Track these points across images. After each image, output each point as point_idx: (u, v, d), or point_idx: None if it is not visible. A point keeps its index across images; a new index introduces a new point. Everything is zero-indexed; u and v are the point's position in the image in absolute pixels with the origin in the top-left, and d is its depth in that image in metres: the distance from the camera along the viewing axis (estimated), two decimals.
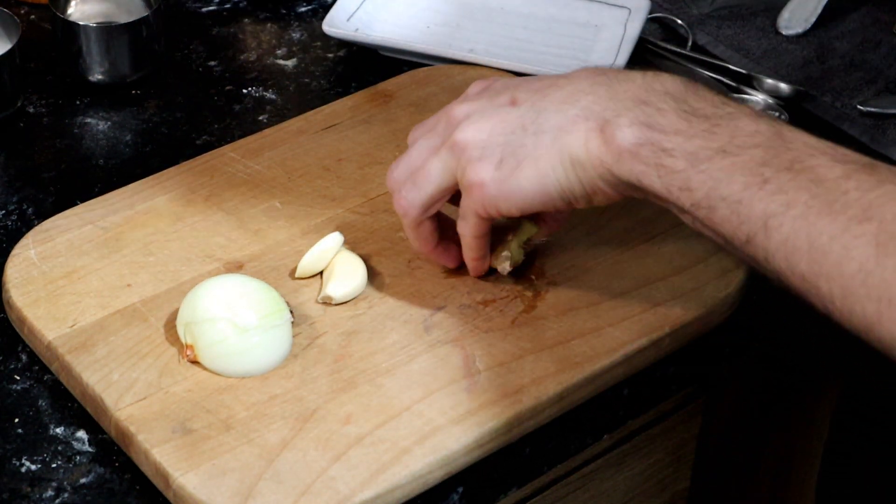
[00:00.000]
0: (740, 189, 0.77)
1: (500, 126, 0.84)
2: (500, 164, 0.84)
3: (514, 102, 0.85)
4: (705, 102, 0.81)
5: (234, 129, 1.12)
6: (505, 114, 0.85)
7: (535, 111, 0.84)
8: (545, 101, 0.84)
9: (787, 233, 0.74)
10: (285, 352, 0.89)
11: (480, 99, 0.87)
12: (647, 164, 0.80)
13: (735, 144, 0.78)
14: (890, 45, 1.23)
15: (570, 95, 0.83)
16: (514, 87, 0.86)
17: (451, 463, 0.84)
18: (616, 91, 0.82)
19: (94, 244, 0.96)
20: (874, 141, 1.13)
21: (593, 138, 0.81)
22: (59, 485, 0.85)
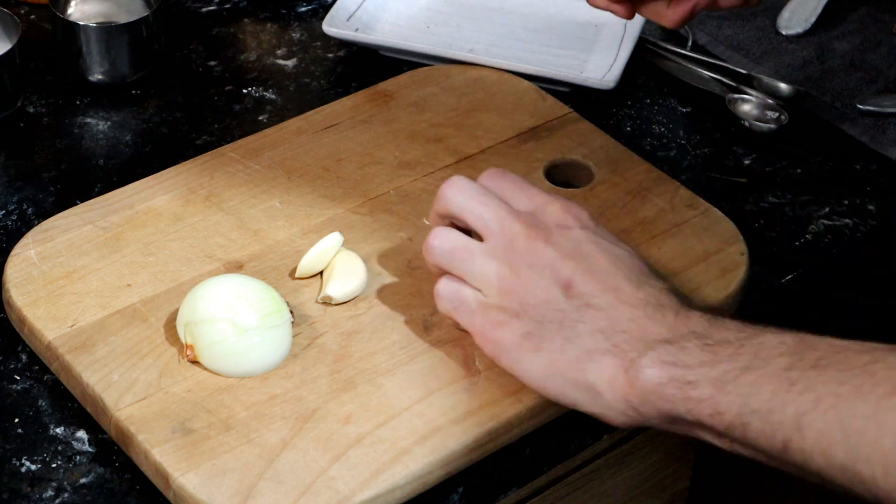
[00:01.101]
0: (769, 398, 0.76)
1: (546, 306, 0.84)
2: (526, 335, 0.84)
3: (568, 288, 0.84)
4: (728, 331, 0.80)
5: (234, 129, 1.12)
6: (555, 297, 0.84)
7: (576, 318, 0.83)
8: (587, 314, 0.83)
9: (821, 427, 0.73)
10: (285, 352, 0.89)
11: (548, 250, 0.85)
12: (673, 399, 0.79)
13: (760, 359, 0.77)
14: (890, 45, 1.23)
15: (608, 325, 0.82)
16: (574, 265, 0.84)
17: (451, 463, 0.84)
18: (647, 332, 0.82)
19: (94, 244, 0.96)
20: (874, 141, 1.13)
21: (618, 377, 0.81)
22: (59, 485, 0.85)
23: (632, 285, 0.84)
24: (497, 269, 0.85)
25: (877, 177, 1.10)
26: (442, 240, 0.88)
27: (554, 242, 0.85)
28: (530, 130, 1.08)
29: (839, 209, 1.07)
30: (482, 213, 0.87)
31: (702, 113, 1.16)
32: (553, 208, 0.87)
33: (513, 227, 0.86)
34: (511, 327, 0.84)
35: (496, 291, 0.85)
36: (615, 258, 0.85)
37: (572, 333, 0.83)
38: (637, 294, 0.83)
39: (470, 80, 1.13)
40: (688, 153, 1.11)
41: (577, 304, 0.83)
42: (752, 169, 1.10)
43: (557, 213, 0.87)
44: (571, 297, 0.83)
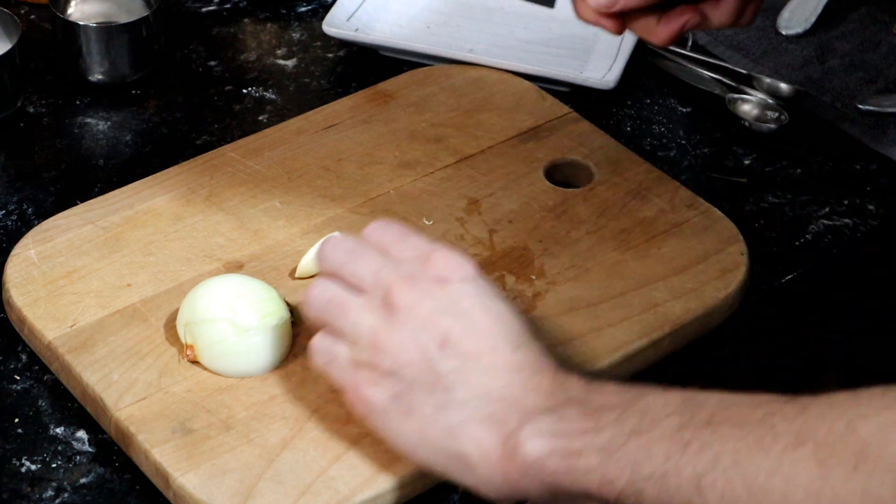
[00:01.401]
0: (662, 461, 0.71)
1: (419, 366, 0.79)
2: (396, 396, 0.80)
3: (443, 345, 0.79)
4: (608, 395, 0.76)
5: (234, 129, 1.12)
6: (429, 356, 0.79)
7: (450, 382, 0.78)
8: (461, 378, 0.78)
9: (723, 487, 0.70)
10: (285, 352, 0.89)
11: (423, 304, 0.80)
12: (557, 472, 0.75)
13: (647, 421, 0.73)
14: (890, 45, 1.23)
15: (483, 392, 0.78)
16: (451, 322, 0.79)
17: None
18: (524, 401, 0.77)
19: (94, 244, 0.96)
20: (874, 141, 1.13)
21: (494, 449, 0.77)
22: (59, 485, 0.85)
23: (509, 347, 0.79)
24: (371, 324, 0.80)
25: (877, 177, 1.10)
26: (319, 291, 0.83)
27: (432, 297, 0.80)
28: (530, 130, 1.08)
29: (839, 209, 1.07)
30: (356, 268, 0.83)
31: (702, 113, 1.16)
32: (435, 260, 0.81)
33: (388, 280, 0.81)
34: (381, 387, 0.80)
35: (368, 347, 0.80)
36: (494, 316, 0.80)
37: (445, 399, 0.78)
38: (514, 356, 0.79)
39: (470, 80, 1.13)
40: (688, 153, 1.11)
41: (452, 367, 0.78)
42: (752, 169, 1.10)
43: (439, 265, 0.81)
44: (446, 357, 0.79)
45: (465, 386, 0.78)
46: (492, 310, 0.81)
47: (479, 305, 0.80)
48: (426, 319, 0.80)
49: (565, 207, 1.01)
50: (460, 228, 0.99)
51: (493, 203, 1.01)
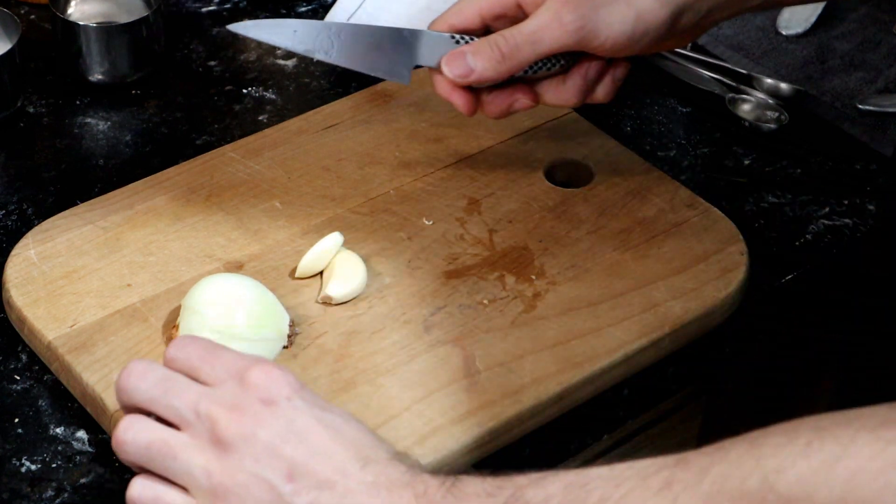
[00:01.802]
0: None
1: (269, 502, 0.73)
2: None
3: (292, 478, 0.73)
4: (478, 499, 0.72)
5: (234, 129, 1.12)
6: (279, 494, 0.73)
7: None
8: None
9: None
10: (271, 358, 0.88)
11: (258, 434, 0.74)
12: None
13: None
14: (890, 45, 1.23)
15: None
16: (293, 449, 0.74)
17: (450, 463, 0.84)
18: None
19: (94, 244, 0.96)
20: (874, 141, 1.13)
21: None
22: (59, 485, 0.85)
23: (357, 464, 0.74)
24: (203, 465, 0.74)
25: (877, 177, 1.10)
26: (135, 433, 0.76)
27: (263, 424, 0.74)
28: (530, 130, 1.08)
29: (839, 209, 1.07)
30: (170, 400, 0.76)
31: (702, 113, 1.16)
32: (253, 380, 0.76)
33: (211, 412, 0.75)
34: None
35: (205, 493, 0.74)
36: (333, 431, 0.75)
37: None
38: (364, 477, 0.73)
39: None
40: (688, 153, 1.11)
41: (308, 501, 0.73)
42: (752, 169, 1.10)
43: (259, 385, 0.76)
44: (298, 492, 0.73)
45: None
46: (328, 424, 0.76)
47: (314, 422, 0.75)
48: (264, 451, 0.74)
49: (565, 207, 1.01)
50: (460, 228, 0.99)
51: (493, 203, 1.01)
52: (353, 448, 0.75)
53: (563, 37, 0.90)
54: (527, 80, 0.94)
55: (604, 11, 0.90)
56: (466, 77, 0.92)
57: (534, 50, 0.91)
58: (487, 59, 0.91)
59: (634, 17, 0.90)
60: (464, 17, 0.94)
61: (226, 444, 0.74)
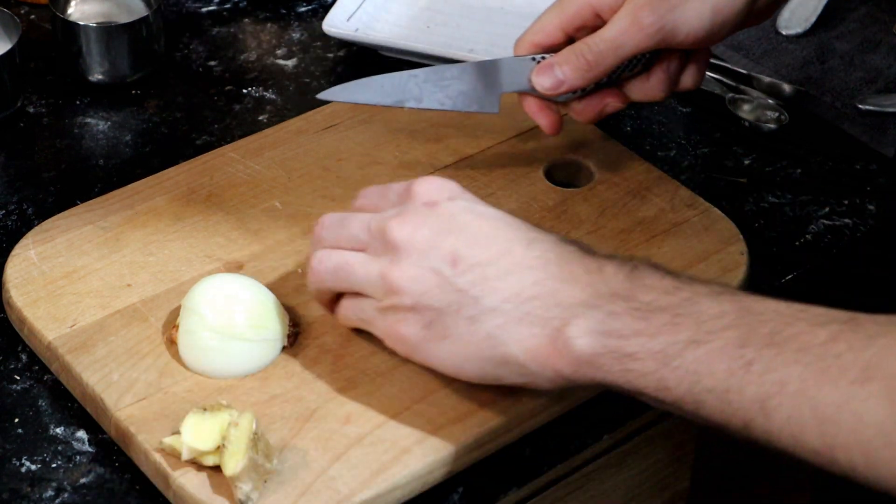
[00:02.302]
0: (724, 377, 0.73)
1: (438, 290, 0.80)
2: (428, 325, 0.81)
3: (455, 263, 0.80)
4: (656, 292, 0.77)
5: (234, 129, 1.12)
6: (445, 277, 0.80)
7: (475, 293, 0.79)
8: (486, 287, 0.79)
9: (789, 411, 0.71)
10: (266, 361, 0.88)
11: (421, 231, 0.81)
12: (611, 371, 0.76)
13: (704, 331, 0.74)
14: (890, 45, 1.23)
15: (513, 293, 0.78)
16: (455, 238, 0.81)
17: (451, 463, 0.84)
18: (561, 294, 0.78)
19: (94, 244, 0.96)
20: (874, 141, 1.13)
21: (542, 347, 0.78)
22: (59, 485, 0.85)
23: (522, 244, 0.80)
24: (378, 269, 0.82)
25: (877, 177, 1.10)
26: (322, 262, 0.86)
27: (426, 223, 0.82)
28: (530, 130, 1.08)
29: (839, 209, 1.07)
30: (349, 231, 0.85)
31: (702, 113, 1.16)
32: (416, 189, 0.84)
33: (380, 225, 0.83)
34: (410, 323, 0.81)
35: (384, 291, 0.82)
36: (494, 221, 0.82)
37: (476, 311, 0.79)
38: (530, 252, 0.79)
39: None
40: (688, 153, 1.11)
41: (471, 280, 0.79)
42: (752, 169, 1.10)
43: (421, 192, 0.84)
44: (462, 273, 0.80)
45: (492, 293, 0.79)
46: (490, 216, 0.82)
47: (475, 216, 0.82)
48: (428, 245, 0.81)
49: (565, 207, 1.01)
50: None
51: (494, 203, 1.00)
52: (515, 232, 0.81)
53: (643, 39, 0.92)
54: (612, 82, 0.97)
55: (680, 10, 0.92)
56: (557, 88, 0.95)
57: (617, 55, 0.93)
58: (574, 68, 0.94)
59: (711, 10, 0.92)
60: (546, 34, 0.96)
61: (395, 247, 0.81)
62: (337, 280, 0.85)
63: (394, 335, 0.83)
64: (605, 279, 0.78)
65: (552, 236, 0.82)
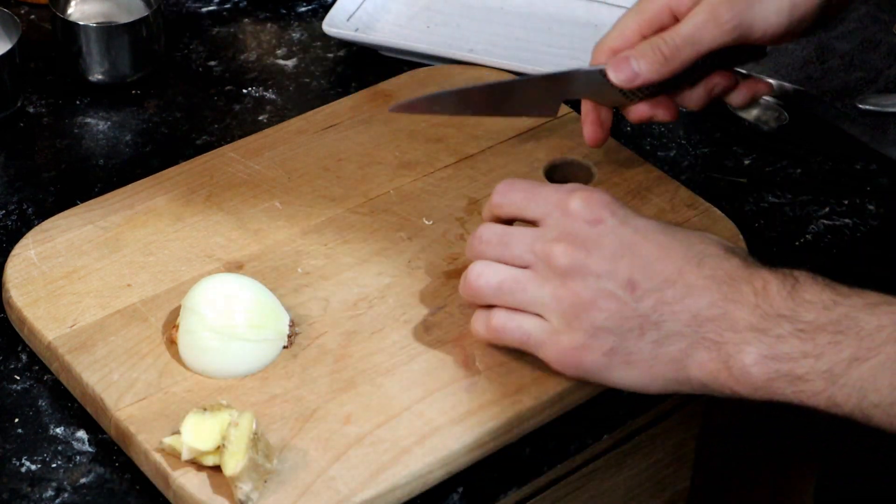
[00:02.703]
0: (889, 391, 0.76)
1: (619, 315, 0.82)
2: (610, 352, 0.83)
3: (633, 288, 0.82)
4: (816, 309, 0.79)
5: (234, 129, 1.12)
6: (624, 303, 0.82)
7: (656, 318, 0.82)
8: (666, 310, 0.82)
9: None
10: (266, 361, 0.88)
11: (592, 257, 0.83)
12: (785, 392, 0.79)
13: (865, 347, 0.77)
14: (890, 45, 1.23)
15: (691, 317, 0.81)
16: (628, 262, 0.82)
17: (451, 463, 0.84)
18: (733, 317, 0.80)
19: (94, 244, 0.96)
20: (874, 141, 1.13)
21: (721, 372, 0.81)
22: (59, 485, 0.85)
23: (692, 263, 0.82)
24: (551, 292, 0.83)
25: (877, 177, 1.10)
26: (486, 277, 0.86)
27: (595, 246, 0.83)
28: (530, 130, 1.08)
29: (839, 209, 1.07)
30: (511, 251, 0.86)
31: (702, 113, 1.15)
32: (573, 207, 0.84)
33: (545, 249, 0.84)
34: (591, 349, 0.83)
35: (559, 315, 0.83)
36: (660, 238, 0.83)
37: (659, 335, 0.81)
38: (702, 272, 0.82)
39: (470, 80, 1.13)
40: (688, 153, 1.11)
41: (651, 304, 0.81)
42: (752, 169, 1.10)
43: (580, 210, 0.84)
44: (641, 297, 0.82)
45: (673, 317, 0.81)
46: (654, 232, 0.83)
47: (643, 235, 0.83)
48: (602, 269, 0.82)
49: None
50: (460, 228, 0.99)
51: None
52: (683, 248, 0.83)
53: (720, 35, 0.93)
54: (679, 84, 0.98)
55: (758, 6, 0.93)
56: (632, 81, 0.95)
57: (694, 49, 0.94)
58: (651, 61, 0.94)
59: (790, 6, 0.93)
60: (625, 38, 0.96)
61: (566, 272, 0.83)
62: (500, 296, 0.86)
63: (570, 361, 0.84)
64: (769, 299, 0.80)
65: (715, 246, 0.84)
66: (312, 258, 0.96)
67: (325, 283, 0.94)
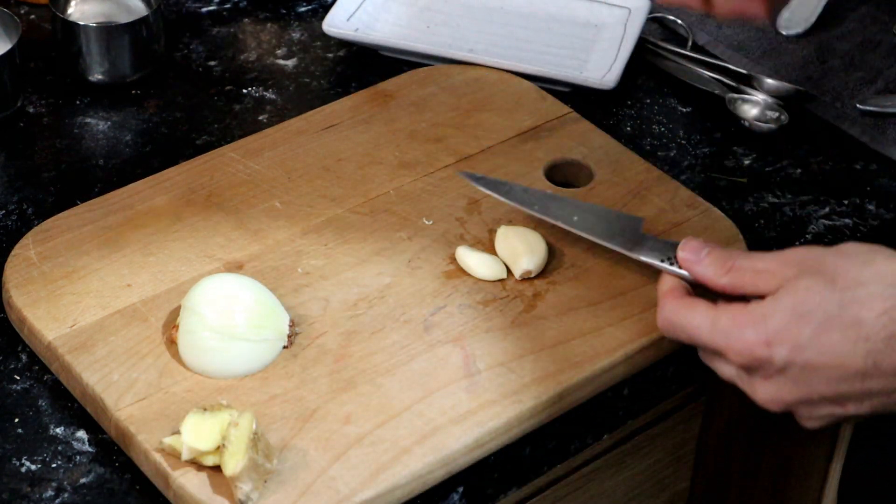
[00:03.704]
0: None
1: (850, 380, 0.82)
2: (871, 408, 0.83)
3: (844, 405, 0.82)
4: None
5: (234, 129, 1.12)
6: (846, 409, 0.83)
7: (884, 410, 0.82)
8: (883, 401, 0.82)
9: None
10: (266, 361, 0.88)
11: (783, 387, 0.84)
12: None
13: None
14: (890, 45, 1.23)
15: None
16: (836, 389, 0.82)
17: (451, 463, 0.84)
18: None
19: (94, 244, 0.96)
20: (874, 141, 1.13)
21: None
22: (59, 485, 0.85)
23: (855, 358, 0.80)
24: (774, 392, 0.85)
25: (877, 177, 1.10)
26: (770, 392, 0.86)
27: (785, 379, 0.83)
28: (530, 130, 1.08)
29: (839, 209, 1.07)
30: (718, 365, 0.87)
31: (702, 113, 1.16)
32: (743, 350, 0.83)
33: (752, 386, 0.86)
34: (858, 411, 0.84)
35: (824, 402, 0.84)
36: (820, 344, 0.81)
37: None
38: (865, 363, 0.80)
39: (470, 80, 1.13)
40: (688, 153, 1.12)
41: (865, 397, 0.82)
42: (752, 169, 1.10)
43: (752, 350, 0.83)
44: (858, 400, 0.82)
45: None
46: (815, 337, 0.81)
47: (807, 351, 0.82)
48: (811, 399, 0.83)
49: None
50: (460, 228, 0.99)
51: (494, 203, 1.01)
52: (838, 345, 0.81)
53: None
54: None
55: None
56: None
57: None
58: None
59: None
60: None
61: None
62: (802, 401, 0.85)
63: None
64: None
65: (867, 330, 0.80)
66: (312, 258, 0.96)
67: (325, 282, 0.94)
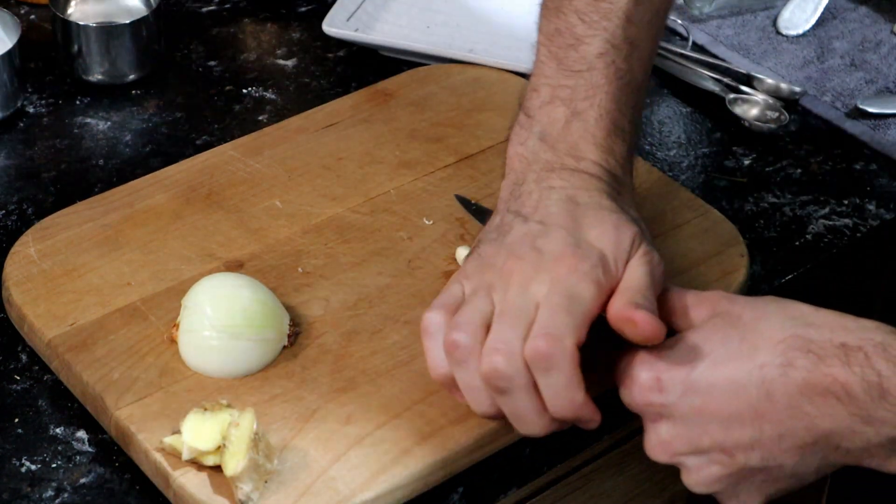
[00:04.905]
0: None
1: (738, 477, 0.81)
2: (763, 486, 0.81)
3: (733, 455, 0.80)
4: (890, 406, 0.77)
5: (234, 129, 1.12)
6: (737, 469, 0.80)
7: (774, 465, 0.80)
8: (774, 459, 0.79)
9: None
10: (266, 361, 0.88)
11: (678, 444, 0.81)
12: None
13: None
14: (890, 45, 1.23)
15: (797, 447, 0.78)
16: (726, 432, 0.79)
17: (451, 463, 0.84)
18: (833, 440, 0.78)
19: (94, 242, 0.96)
20: (874, 141, 1.13)
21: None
22: (59, 485, 0.85)
23: (762, 399, 0.78)
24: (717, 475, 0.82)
25: (877, 177, 1.10)
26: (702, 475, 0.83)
27: (675, 423, 0.81)
28: None
29: (839, 209, 1.07)
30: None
31: (702, 113, 1.16)
32: (635, 393, 0.82)
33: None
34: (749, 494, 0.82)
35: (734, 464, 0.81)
36: (712, 376, 0.79)
37: (787, 472, 0.80)
38: (774, 405, 0.78)
39: (470, 79, 1.13)
40: (688, 153, 1.12)
41: (758, 458, 0.80)
42: (752, 169, 1.10)
43: (644, 394, 0.82)
44: (745, 458, 0.80)
45: (785, 457, 0.79)
46: (720, 389, 0.80)
47: (704, 396, 0.80)
48: (696, 448, 0.81)
49: None
50: (460, 228, 0.99)
51: (493, 203, 1.01)
52: (744, 389, 0.78)
53: None
54: None
55: None
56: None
57: None
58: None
59: None
60: None
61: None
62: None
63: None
64: (852, 408, 0.77)
65: (762, 357, 0.78)
66: (313, 257, 0.96)
67: (326, 282, 0.94)
